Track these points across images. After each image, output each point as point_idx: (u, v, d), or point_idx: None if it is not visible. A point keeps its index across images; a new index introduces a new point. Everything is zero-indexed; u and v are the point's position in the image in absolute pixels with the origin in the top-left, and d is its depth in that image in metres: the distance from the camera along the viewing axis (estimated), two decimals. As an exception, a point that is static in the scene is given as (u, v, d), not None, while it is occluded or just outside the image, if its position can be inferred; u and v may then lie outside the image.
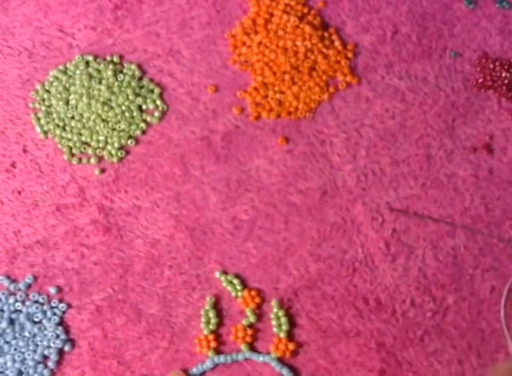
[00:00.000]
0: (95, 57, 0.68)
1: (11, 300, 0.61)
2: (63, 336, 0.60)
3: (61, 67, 0.67)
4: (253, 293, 0.61)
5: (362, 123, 0.66)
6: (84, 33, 0.68)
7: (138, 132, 0.66)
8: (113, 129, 0.66)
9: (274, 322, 0.60)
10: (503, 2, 0.69)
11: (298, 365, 0.60)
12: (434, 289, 0.61)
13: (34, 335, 0.60)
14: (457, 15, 0.69)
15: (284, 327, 0.60)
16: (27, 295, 0.62)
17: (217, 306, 0.61)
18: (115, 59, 0.68)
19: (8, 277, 0.62)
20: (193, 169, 0.65)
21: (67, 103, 0.66)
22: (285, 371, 0.59)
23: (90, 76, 0.67)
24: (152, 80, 0.67)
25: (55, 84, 0.67)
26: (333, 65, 0.67)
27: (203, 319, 0.60)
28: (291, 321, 0.61)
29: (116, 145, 0.65)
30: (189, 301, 0.62)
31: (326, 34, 0.68)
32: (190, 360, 0.60)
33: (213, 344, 0.60)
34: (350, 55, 0.68)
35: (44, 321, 0.61)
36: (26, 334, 0.60)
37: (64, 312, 0.61)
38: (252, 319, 0.61)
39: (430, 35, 0.68)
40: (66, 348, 0.60)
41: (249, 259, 0.63)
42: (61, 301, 0.62)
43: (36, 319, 0.61)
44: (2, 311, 0.61)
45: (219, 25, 0.68)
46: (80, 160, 0.65)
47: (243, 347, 0.60)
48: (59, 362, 0.60)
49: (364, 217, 0.63)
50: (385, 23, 0.68)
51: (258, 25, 0.68)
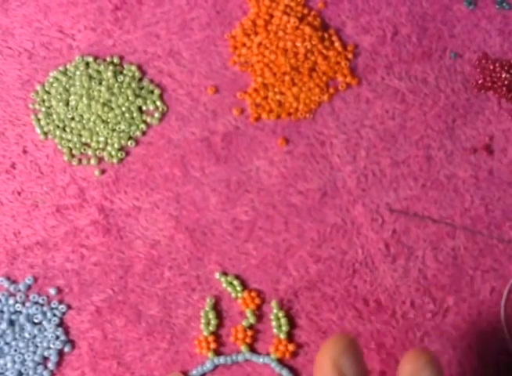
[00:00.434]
0: (95, 58, 0.68)
1: (11, 301, 0.61)
2: (63, 337, 0.60)
3: (61, 68, 0.67)
4: (253, 294, 0.61)
5: (362, 124, 0.66)
6: (84, 34, 0.68)
7: (138, 133, 0.66)
8: (113, 130, 0.66)
9: (274, 323, 0.60)
10: (503, 3, 0.69)
11: (298, 366, 0.60)
12: (434, 290, 0.61)
13: (34, 336, 0.60)
14: (457, 16, 0.69)
15: (284, 328, 0.60)
16: (27, 296, 0.62)
17: (217, 307, 0.61)
18: (115, 60, 0.68)
19: (8, 278, 0.62)
20: (193, 170, 0.65)
21: (67, 104, 0.66)
22: (285, 372, 0.59)
23: (90, 77, 0.67)
24: (152, 81, 0.67)
25: (55, 85, 0.67)
26: (333, 66, 0.67)
27: (203, 320, 0.60)
28: (291, 322, 0.61)
29: (116, 146, 0.65)
30: (189, 302, 0.62)
31: (326, 35, 0.68)
32: (190, 361, 0.60)
33: (213, 345, 0.60)
34: (350, 56, 0.68)
35: (44, 322, 0.61)
36: (26, 335, 0.60)
37: (64, 313, 0.61)
38: (252, 320, 0.61)
39: (430, 36, 0.68)
40: (66, 349, 0.60)
41: (249, 260, 0.63)
42: (61, 302, 0.62)
43: (36, 320, 0.61)
44: (2, 312, 0.61)
45: (219, 26, 0.68)
46: (80, 161, 0.65)
47: (243, 348, 0.60)
48: (59, 363, 0.60)
49: (364, 218, 0.63)
50: (385, 24, 0.68)
51: (258, 26, 0.68)
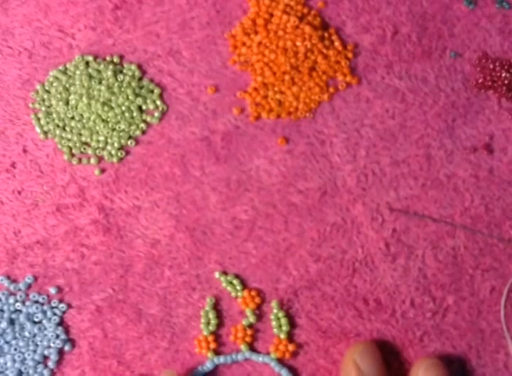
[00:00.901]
0: (95, 57, 0.68)
1: (11, 300, 0.61)
2: (63, 336, 0.60)
3: (61, 68, 0.67)
4: (253, 293, 0.61)
5: (362, 123, 0.66)
6: (84, 33, 0.68)
7: (138, 133, 0.66)
8: (113, 129, 0.66)
9: (274, 323, 0.61)
10: (503, 3, 0.69)
11: (298, 365, 0.60)
12: (434, 289, 0.62)
13: (34, 335, 0.60)
14: (457, 15, 0.69)
15: (284, 328, 0.60)
16: (27, 295, 0.62)
17: (217, 307, 0.61)
18: (115, 59, 0.68)
19: (8, 277, 0.62)
20: (193, 169, 0.65)
21: (67, 104, 0.66)
22: (284, 372, 0.59)
23: (90, 76, 0.67)
24: (152, 80, 0.67)
25: (55, 84, 0.67)
26: (333, 65, 0.67)
27: (202, 320, 0.61)
28: (291, 321, 0.61)
29: (116, 145, 0.65)
30: (189, 301, 0.62)
31: (326, 35, 0.68)
32: (190, 360, 0.60)
33: (212, 345, 0.60)
34: (350, 55, 0.68)
35: (44, 321, 0.61)
36: (26, 334, 0.60)
37: (64, 312, 0.61)
38: (252, 319, 0.61)
39: (430, 35, 0.68)
40: (66, 348, 0.60)
41: (249, 259, 0.63)
42: (61, 301, 0.62)
43: (36, 319, 0.61)
44: (2, 311, 0.61)
45: (219, 25, 0.68)
46: (80, 160, 0.65)
47: (243, 347, 0.60)
48: (59, 362, 0.60)
49: (364, 217, 0.63)
50: (385, 24, 0.68)
51: (258, 25, 0.68)
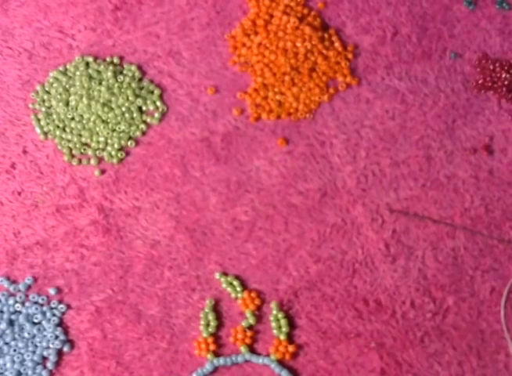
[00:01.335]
0: (95, 58, 0.68)
1: (11, 301, 0.61)
2: (63, 337, 0.60)
3: (61, 68, 0.67)
4: (253, 294, 0.61)
5: (362, 124, 0.66)
6: (84, 34, 0.68)
7: (138, 133, 0.66)
8: (113, 130, 0.66)
9: (274, 324, 0.60)
10: (503, 3, 0.69)
11: (298, 366, 0.60)
12: (434, 290, 0.61)
13: (34, 336, 0.60)
14: (457, 16, 0.69)
15: (284, 329, 0.60)
16: (27, 296, 0.62)
17: (216, 308, 0.61)
18: (115, 60, 0.68)
19: (7, 278, 0.62)
20: (193, 170, 0.65)
21: (67, 104, 0.66)
22: (285, 373, 0.59)
23: (90, 77, 0.67)
24: (152, 81, 0.67)
25: (55, 85, 0.67)
26: (333, 66, 0.67)
27: (202, 321, 0.60)
28: (291, 322, 0.61)
29: (116, 146, 0.65)
30: (189, 302, 0.61)
31: (326, 35, 0.68)
32: (190, 361, 0.60)
33: (212, 347, 0.60)
34: (350, 56, 0.68)
35: (43, 322, 0.61)
36: (25, 335, 0.60)
37: (64, 313, 0.61)
38: (252, 320, 0.60)
39: (430, 36, 0.68)
40: (65, 349, 0.60)
41: (249, 260, 0.63)
42: (60, 302, 0.62)
43: (35, 320, 0.61)
44: (2, 312, 0.61)
45: (219, 26, 0.68)
46: (80, 161, 0.65)
47: (243, 349, 0.60)
48: (58, 363, 0.60)
49: (364, 218, 0.63)
50: (385, 24, 0.68)
51: (258, 26, 0.68)
